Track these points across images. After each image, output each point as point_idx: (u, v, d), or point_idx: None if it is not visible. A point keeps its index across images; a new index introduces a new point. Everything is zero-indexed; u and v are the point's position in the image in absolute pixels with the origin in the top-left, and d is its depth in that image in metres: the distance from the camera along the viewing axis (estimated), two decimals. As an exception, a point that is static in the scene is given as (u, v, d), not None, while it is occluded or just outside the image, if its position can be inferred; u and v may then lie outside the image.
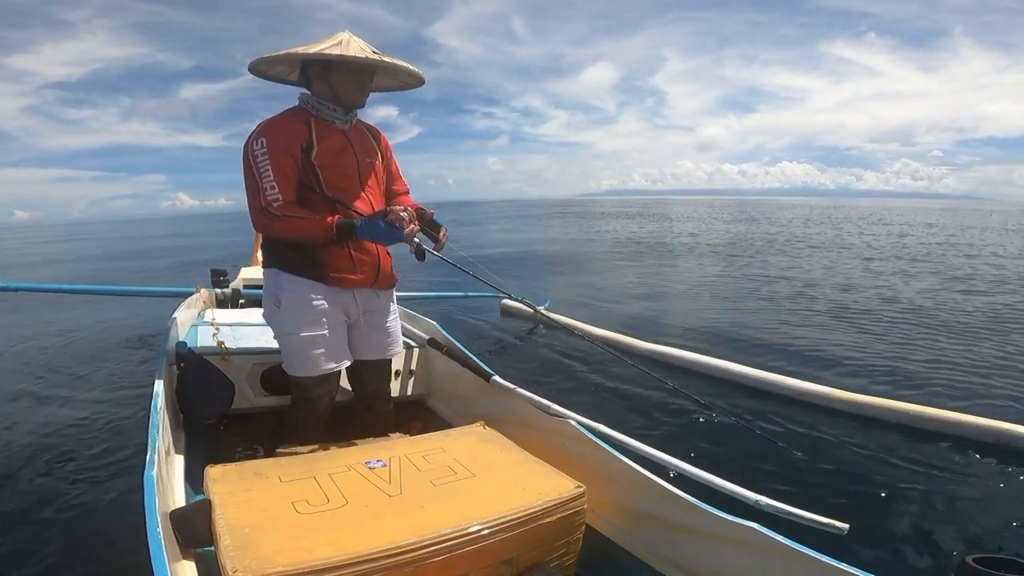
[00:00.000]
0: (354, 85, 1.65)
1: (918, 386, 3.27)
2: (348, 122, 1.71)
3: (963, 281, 7.23)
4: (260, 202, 1.55)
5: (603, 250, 12.89)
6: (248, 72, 1.71)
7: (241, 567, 0.95)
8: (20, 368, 4.25)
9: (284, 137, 1.58)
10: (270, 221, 1.56)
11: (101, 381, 3.78)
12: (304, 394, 1.74)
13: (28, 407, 3.31)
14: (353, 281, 1.70)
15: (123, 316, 5.92)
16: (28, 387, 3.75)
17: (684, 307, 6.02)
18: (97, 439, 2.75)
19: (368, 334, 1.82)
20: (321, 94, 1.66)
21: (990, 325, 4.79)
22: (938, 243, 13.17)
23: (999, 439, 2.43)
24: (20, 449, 2.65)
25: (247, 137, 1.61)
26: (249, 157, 1.57)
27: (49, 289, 3.22)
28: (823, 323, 5.01)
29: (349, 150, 1.69)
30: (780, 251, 11.52)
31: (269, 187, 1.54)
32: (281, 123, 1.61)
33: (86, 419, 3.02)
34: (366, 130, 1.81)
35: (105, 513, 2.03)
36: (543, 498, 1.25)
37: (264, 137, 1.56)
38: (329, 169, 1.63)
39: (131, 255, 15.84)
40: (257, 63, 1.66)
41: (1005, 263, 9.41)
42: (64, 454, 2.58)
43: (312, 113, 1.66)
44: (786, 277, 7.86)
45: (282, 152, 1.56)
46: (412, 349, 2.35)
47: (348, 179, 1.69)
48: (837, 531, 1.12)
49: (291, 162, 1.58)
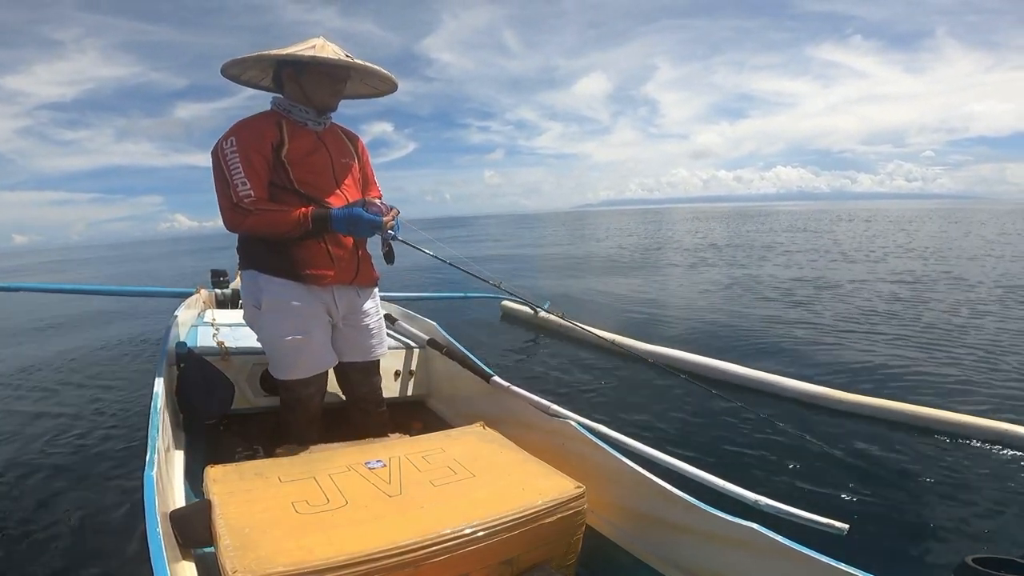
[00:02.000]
0: (326, 88, 1.64)
1: (919, 386, 3.27)
2: (321, 124, 1.70)
3: (966, 280, 7.23)
4: (231, 198, 1.53)
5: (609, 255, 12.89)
6: (221, 75, 1.70)
7: (241, 567, 0.95)
8: (20, 368, 4.26)
9: (254, 136, 1.57)
10: (242, 217, 1.54)
11: (101, 381, 3.79)
12: (293, 395, 1.74)
13: (28, 407, 3.31)
14: (331, 278, 1.68)
15: (123, 316, 5.93)
16: (28, 387, 3.76)
17: (685, 308, 6.03)
18: (97, 439, 2.75)
19: (351, 336, 1.81)
20: (293, 96, 1.66)
21: (990, 324, 4.79)
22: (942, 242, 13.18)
23: (999, 439, 2.43)
24: (20, 449, 2.66)
25: (216, 140, 1.59)
26: (219, 156, 1.55)
27: (49, 289, 3.23)
28: (827, 325, 5.00)
29: (322, 150, 1.68)
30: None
31: (240, 183, 1.52)
32: (251, 124, 1.61)
33: (86, 419, 3.03)
34: (342, 133, 1.80)
35: (105, 513, 2.03)
36: (543, 498, 1.25)
37: (234, 136, 1.55)
38: (300, 167, 1.62)
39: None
40: (229, 65, 1.65)
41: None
42: (64, 454, 2.58)
43: (283, 115, 1.66)
44: (783, 280, 7.87)
45: (252, 150, 1.55)
46: (412, 349, 2.35)
47: (321, 177, 1.67)
48: (837, 531, 1.12)
49: (261, 160, 1.56)
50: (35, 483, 2.31)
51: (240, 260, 1.72)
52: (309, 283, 1.65)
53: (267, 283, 1.63)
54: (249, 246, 1.67)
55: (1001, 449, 2.39)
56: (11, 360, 4.56)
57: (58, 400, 3.42)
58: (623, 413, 2.93)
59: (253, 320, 1.71)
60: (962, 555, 1.13)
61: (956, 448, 2.44)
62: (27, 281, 3.22)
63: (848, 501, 2.06)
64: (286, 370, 1.69)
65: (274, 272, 1.63)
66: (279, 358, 1.68)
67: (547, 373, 3.69)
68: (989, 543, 1.81)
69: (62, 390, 3.63)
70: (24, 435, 2.83)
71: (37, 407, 3.30)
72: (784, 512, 1.17)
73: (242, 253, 1.71)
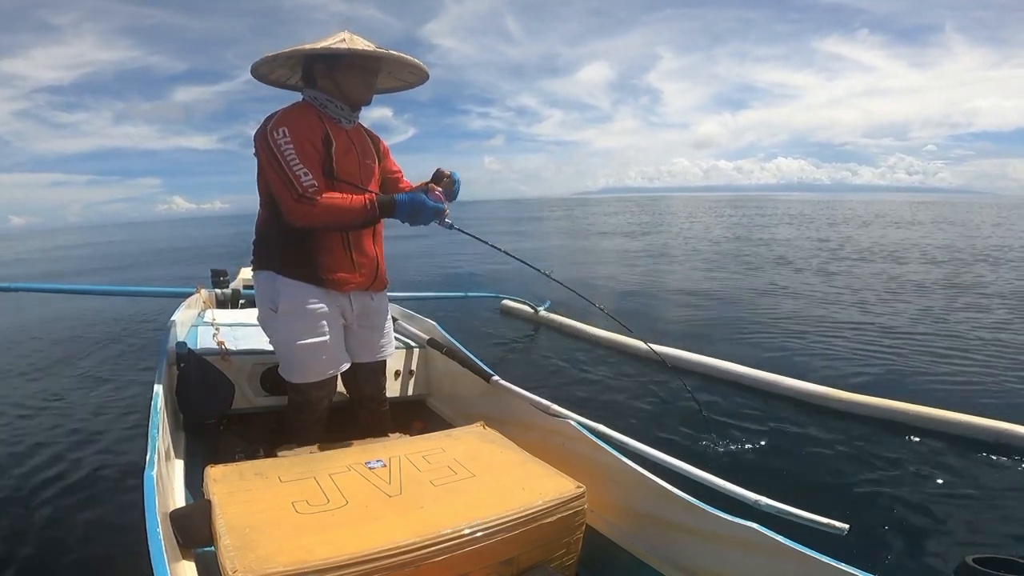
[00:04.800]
0: (360, 82, 1.62)
1: (918, 386, 3.27)
2: (352, 121, 1.70)
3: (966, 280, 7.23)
4: (296, 191, 1.47)
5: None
6: (251, 75, 1.69)
7: (241, 567, 0.95)
8: (20, 368, 4.26)
9: (305, 127, 1.54)
10: (311, 207, 1.47)
11: (101, 381, 3.79)
12: (303, 397, 1.72)
13: (28, 407, 3.31)
14: (351, 284, 1.68)
15: (123, 316, 5.93)
16: (28, 387, 3.75)
17: (685, 308, 6.02)
18: (97, 439, 2.75)
19: (363, 336, 1.81)
20: (327, 91, 1.63)
21: (990, 324, 4.79)
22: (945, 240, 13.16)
23: (999, 439, 2.43)
24: (20, 449, 2.66)
25: (260, 130, 1.54)
26: (272, 148, 1.49)
27: (49, 289, 3.22)
28: (828, 325, 5.00)
29: (352, 150, 1.67)
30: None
31: (303, 174, 1.47)
32: (297, 114, 1.57)
33: (86, 419, 3.03)
34: (366, 133, 1.80)
35: (105, 513, 2.03)
36: (543, 498, 1.25)
37: (285, 127, 1.50)
38: (339, 164, 1.61)
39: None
40: (260, 65, 1.63)
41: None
42: (64, 454, 2.58)
43: (320, 110, 1.63)
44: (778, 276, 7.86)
45: (306, 141, 1.52)
46: (412, 349, 2.34)
47: (352, 177, 1.66)
48: (837, 531, 1.12)
49: (314, 152, 1.53)
50: (35, 483, 2.31)
51: (256, 260, 1.69)
52: (329, 287, 1.64)
53: (285, 285, 1.61)
54: (270, 247, 1.65)
55: (1001, 449, 2.39)
56: (11, 360, 4.56)
57: (58, 400, 3.42)
58: (623, 413, 2.93)
59: (267, 322, 1.69)
60: (962, 555, 1.12)
61: (956, 448, 2.44)
62: (28, 281, 3.21)
63: (848, 501, 2.06)
64: (300, 373, 1.67)
65: (293, 275, 1.61)
66: (293, 361, 1.66)
67: (547, 372, 3.69)
68: (989, 543, 1.82)
69: (62, 390, 3.63)
70: (24, 435, 2.83)
71: (36, 407, 3.30)
72: (784, 512, 1.17)
73: (260, 253, 1.68)
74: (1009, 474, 2.23)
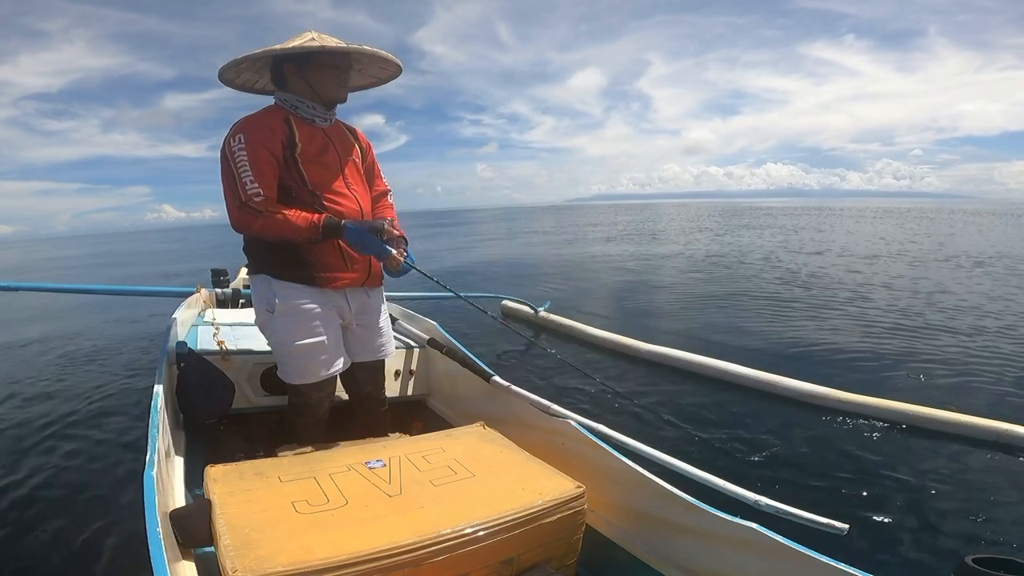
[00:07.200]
0: (333, 79, 1.61)
1: (918, 386, 3.27)
2: (328, 120, 1.67)
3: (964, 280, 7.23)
4: (240, 197, 1.47)
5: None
6: (219, 81, 1.67)
7: (241, 567, 0.95)
8: (20, 368, 4.26)
9: (263, 133, 1.52)
10: (252, 217, 1.49)
11: (101, 381, 3.79)
12: (303, 399, 1.72)
13: (28, 407, 3.31)
14: (345, 280, 1.67)
15: (123, 316, 5.93)
16: (28, 387, 3.76)
17: (685, 308, 6.02)
18: (97, 439, 2.75)
19: (361, 336, 1.80)
20: (299, 91, 1.61)
21: (990, 323, 4.79)
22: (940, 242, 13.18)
23: (999, 439, 2.43)
24: (19, 449, 2.66)
25: (224, 137, 1.54)
26: (227, 154, 1.50)
27: (49, 289, 3.22)
28: (829, 325, 5.01)
29: (331, 148, 1.66)
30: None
31: (248, 181, 1.47)
32: (259, 120, 1.55)
33: (86, 419, 3.03)
34: (345, 128, 1.77)
35: (105, 513, 2.03)
36: (543, 498, 1.25)
37: (242, 133, 1.50)
38: (314, 166, 1.59)
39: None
40: (225, 70, 1.60)
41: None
42: (64, 454, 2.58)
43: (290, 111, 1.61)
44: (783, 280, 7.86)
45: (261, 148, 1.50)
46: (412, 349, 2.34)
47: (332, 176, 1.65)
48: (837, 531, 1.12)
49: (270, 159, 1.52)
50: (35, 483, 2.31)
51: (249, 264, 1.69)
52: (323, 286, 1.63)
53: (280, 288, 1.61)
54: (259, 250, 1.64)
55: (1001, 449, 2.39)
56: (10, 360, 4.56)
57: (57, 400, 3.42)
58: (623, 413, 2.93)
59: (265, 325, 1.68)
60: (962, 555, 1.12)
61: (956, 448, 2.44)
62: (28, 281, 3.21)
63: (848, 501, 2.06)
64: (299, 375, 1.66)
65: (288, 277, 1.61)
66: (292, 363, 1.65)
67: (547, 373, 3.69)
68: (989, 543, 1.82)
69: (61, 390, 3.63)
70: (24, 435, 2.83)
71: (36, 407, 3.30)
72: (784, 512, 1.17)
73: (252, 257, 1.67)
74: (1009, 474, 2.23)
